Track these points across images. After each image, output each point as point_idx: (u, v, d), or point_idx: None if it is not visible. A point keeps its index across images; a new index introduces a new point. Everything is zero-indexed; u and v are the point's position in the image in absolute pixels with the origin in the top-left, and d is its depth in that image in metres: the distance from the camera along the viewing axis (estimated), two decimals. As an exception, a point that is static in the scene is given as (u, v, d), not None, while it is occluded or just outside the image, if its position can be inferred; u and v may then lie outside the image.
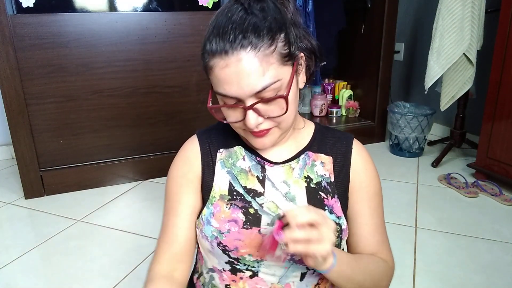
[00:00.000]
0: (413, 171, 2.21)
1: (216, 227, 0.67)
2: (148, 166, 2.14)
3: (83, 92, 1.93)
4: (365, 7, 2.61)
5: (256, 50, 0.56)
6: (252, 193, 0.70)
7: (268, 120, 0.63)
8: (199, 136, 0.75)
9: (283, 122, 0.64)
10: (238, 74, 0.57)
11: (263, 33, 0.57)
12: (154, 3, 1.94)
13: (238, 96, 0.59)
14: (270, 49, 0.57)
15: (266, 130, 0.63)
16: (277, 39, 0.58)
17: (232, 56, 0.56)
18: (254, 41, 0.56)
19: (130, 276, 1.36)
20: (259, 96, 0.59)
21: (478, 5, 1.95)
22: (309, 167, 0.72)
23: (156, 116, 2.09)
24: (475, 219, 1.69)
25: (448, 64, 2.00)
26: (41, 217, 1.78)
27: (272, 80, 0.58)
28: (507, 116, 1.84)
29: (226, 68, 0.57)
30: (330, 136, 0.76)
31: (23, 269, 1.41)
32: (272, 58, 0.58)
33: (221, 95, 0.61)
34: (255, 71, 0.57)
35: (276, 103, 0.61)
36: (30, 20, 1.76)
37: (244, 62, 0.56)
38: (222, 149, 0.73)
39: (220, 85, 0.59)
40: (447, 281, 1.30)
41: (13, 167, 2.35)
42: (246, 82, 0.57)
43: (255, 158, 0.72)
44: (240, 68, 0.57)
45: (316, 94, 2.94)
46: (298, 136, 0.74)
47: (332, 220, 0.58)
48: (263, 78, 0.57)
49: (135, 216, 1.78)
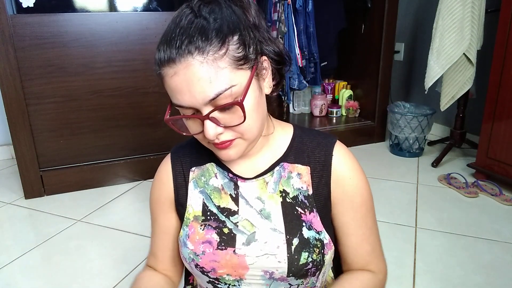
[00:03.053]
0: (413, 171, 2.21)
1: (192, 249, 0.66)
2: (148, 166, 2.14)
3: (83, 92, 1.93)
4: (365, 7, 2.61)
5: (204, 55, 0.52)
6: (226, 212, 0.67)
7: (228, 130, 0.58)
8: (172, 155, 0.74)
9: (245, 132, 0.59)
10: (188, 82, 0.53)
11: (211, 35, 0.53)
12: (154, 3, 1.94)
13: (192, 105, 0.55)
14: (220, 52, 0.53)
15: (228, 141, 0.59)
16: (228, 42, 0.54)
17: (179, 63, 0.53)
18: (201, 45, 0.52)
19: (130, 276, 1.36)
20: (214, 104, 0.55)
21: (478, 5, 1.95)
22: (284, 180, 0.68)
23: (156, 116, 2.09)
24: (475, 219, 1.69)
25: (448, 64, 2.00)
26: (41, 217, 1.78)
27: (225, 86, 0.54)
28: (507, 116, 1.84)
29: (175, 76, 0.54)
30: (309, 142, 0.70)
31: (23, 269, 1.41)
32: (223, 62, 0.53)
33: (177, 106, 0.57)
34: (205, 77, 0.53)
35: (234, 111, 0.56)
36: (30, 20, 1.76)
37: (193, 68, 0.52)
38: (194, 167, 0.71)
39: (173, 95, 0.56)
40: (447, 281, 1.30)
41: (13, 167, 2.35)
42: (197, 90, 0.53)
43: (227, 174, 0.69)
44: (189, 75, 0.53)
45: (316, 94, 2.94)
46: (273, 144, 0.69)
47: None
48: (214, 84, 0.53)
49: (135, 216, 1.78)
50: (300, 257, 0.64)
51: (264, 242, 0.65)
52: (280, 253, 0.64)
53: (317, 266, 0.66)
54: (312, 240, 0.65)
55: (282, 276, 0.65)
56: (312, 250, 0.65)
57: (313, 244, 0.65)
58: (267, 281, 0.66)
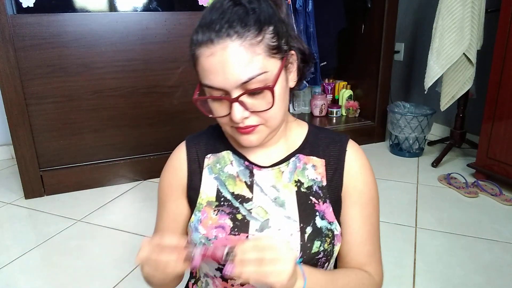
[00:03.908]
0: (413, 171, 2.21)
1: (203, 234, 0.67)
2: (148, 166, 2.14)
3: (83, 92, 1.93)
4: (365, 7, 2.61)
5: (242, 39, 0.55)
6: (240, 199, 0.69)
7: (254, 115, 0.60)
8: (187, 142, 0.75)
9: (270, 119, 0.61)
10: (223, 63, 0.56)
11: (250, 23, 0.56)
12: (154, 3, 1.94)
13: (224, 87, 0.57)
14: (257, 39, 0.56)
15: (252, 126, 0.61)
16: (264, 30, 0.57)
17: (217, 44, 0.55)
18: (241, 31, 0.55)
19: (130, 276, 1.36)
20: (245, 88, 0.57)
21: (478, 5, 1.95)
22: (299, 170, 0.70)
23: (156, 116, 2.09)
24: (475, 219, 1.69)
25: (448, 64, 2.00)
26: (41, 217, 1.78)
27: (258, 71, 0.57)
28: (507, 116, 1.84)
29: (212, 56, 0.56)
30: (324, 138, 0.73)
31: (23, 269, 1.41)
32: (259, 48, 0.56)
33: (207, 87, 0.59)
34: (241, 60, 0.55)
35: (262, 97, 0.59)
36: (30, 20, 1.76)
37: (230, 50, 0.55)
38: (209, 154, 0.73)
39: (206, 75, 0.58)
40: (447, 281, 1.30)
41: (13, 167, 2.35)
42: (232, 72, 0.56)
43: (244, 162, 0.71)
44: (226, 57, 0.55)
45: (316, 94, 2.94)
46: (290, 138, 0.72)
47: (288, 247, 0.54)
48: (249, 68, 0.56)
49: (135, 216, 1.78)
50: (313, 246, 0.65)
51: (278, 229, 0.66)
52: (293, 241, 0.65)
53: (327, 256, 0.67)
54: (324, 230, 0.67)
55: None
56: (324, 240, 0.66)
57: (325, 234, 0.67)
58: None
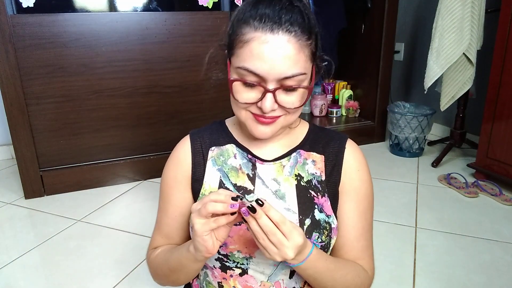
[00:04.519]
0: (413, 171, 2.21)
1: None
2: (148, 166, 2.14)
3: (83, 92, 1.93)
4: (365, 7, 2.61)
5: (297, 39, 0.59)
6: (241, 190, 0.70)
7: (280, 109, 0.63)
8: (191, 135, 0.76)
9: (291, 115, 0.65)
10: (275, 54, 0.58)
11: (306, 27, 0.60)
12: (154, 3, 1.94)
13: (266, 76, 0.59)
14: (307, 43, 0.60)
15: (274, 118, 0.63)
16: (312, 37, 0.61)
17: (276, 35, 0.58)
18: (298, 32, 0.59)
19: (130, 276, 1.36)
20: (283, 83, 0.60)
21: (478, 5, 1.95)
22: (300, 165, 0.72)
23: (156, 116, 2.09)
24: (475, 219, 1.69)
25: (448, 64, 2.00)
26: (41, 217, 1.78)
27: (301, 71, 0.60)
28: (507, 116, 1.84)
29: (266, 44, 0.58)
30: (324, 136, 0.76)
31: (23, 269, 1.41)
32: (306, 51, 0.60)
33: (247, 70, 0.60)
34: (291, 57, 0.58)
35: (293, 94, 0.62)
36: (30, 20, 1.76)
37: (285, 45, 0.58)
38: (214, 147, 0.74)
39: (251, 59, 0.59)
40: (447, 281, 1.30)
41: (13, 167, 2.35)
42: (280, 64, 0.58)
43: (247, 155, 0.73)
44: (279, 49, 0.58)
45: (316, 94, 2.94)
46: (292, 135, 0.75)
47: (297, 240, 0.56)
48: (296, 65, 0.59)
49: (135, 216, 1.78)
50: (311, 237, 0.67)
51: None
52: None
53: (324, 249, 0.68)
54: (322, 222, 0.69)
55: None
56: (322, 232, 0.68)
57: (323, 226, 0.69)
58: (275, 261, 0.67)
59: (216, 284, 0.73)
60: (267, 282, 0.69)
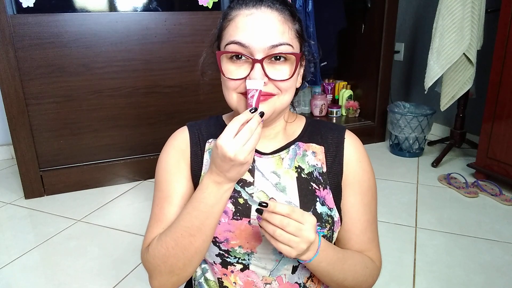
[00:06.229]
0: (413, 171, 2.21)
1: None
2: (148, 166, 2.14)
3: (83, 92, 1.93)
4: (365, 7, 2.61)
5: (279, 12, 0.62)
6: (241, 182, 0.70)
7: (270, 84, 0.63)
8: (189, 127, 0.76)
9: (284, 95, 0.65)
10: (259, 25, 0.61)
11: (287, 6, 0.64)
12: (154, 3, 1.94)
13: (253, 45, 0.60)
14: (290, 19, 0.64)
15: (267, 94, 0.63)
16: (296, 18, 0.65)
17: (259, 9, 0.62)
18: (281, 8, 0.63)
19: (130, 276, 1.36)
20: (269, 53, 0.61)
21: (478, 5, 1.95)
22: (300, 157, 0.72)
23: (156, 116, 2.09)
24: (475, 219, 1.69)
25: (448, 64, 2.00)
26: (41, 217, 1.78)
27: (287, 41, 0.62)
28: (507, 116, 1.84)
29: (250, 16, 0.61)
30: (321, 127, 0.76)
31: (23, 269, 1.41)
32: (292, 27, 0.63)
33: (234, 43, 0.62)
34: (275, 27, 0.61)
35: (281, 68, 0.63)
36: (30, 20, 1.76)
37: (269, 17, 0.61)
38: (211, 139, 0.74)
39: (237, 33, 0.62)
40: (447, 281, 1.30)
41: (13, 167, 2.35)
42: (264, 34, 0.60)
43: None
44: (263, 20, 0.61)
45: (316, 94, 2.94)
46: (290, 129, 0.75)
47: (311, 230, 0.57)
48: (282, 35, 0.61)
49: (135, 216, 1.78)
50: None
51: None
52: None
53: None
54: (324, 216, 0.68)
55: None
56: (324, 225, 0.67)
57: (325, 220, 0.68)
58: (277, 256, 0.68)
59: (215, 280, 0.72)
60: (269, 277, 0.69)
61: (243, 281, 0.69)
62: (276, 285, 0.69)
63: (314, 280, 0.72)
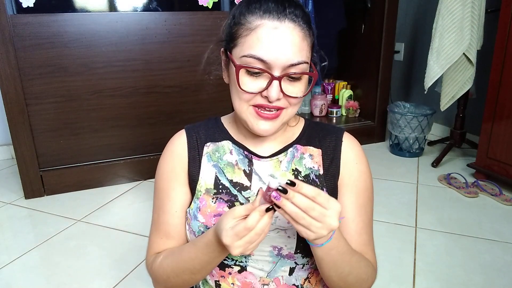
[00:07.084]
0: (413, 171, 2.21)
1: (203, 222, 0.68)
2: (148, 166, 2.14)
3: (83, 92, 1.93)
4: (365, 7, 2.61)
5: (301, 29, 0.61)
6: (238, 186, 0.70)
7: (284, 100, 0.63)
8: (187, 130, 0.76)
9: (292, 108, 0.65)
10: (284, 40, 0.59)
11: (306, 18, 0.62)
12: (154, 3, 1.94)
13: (274, 62, 0.59)
14: (309, 33, 0.62)
15: (278, 110, 0.63)
16: (311, 29, 0.64)
17: (283, 22, 0.59)
18: (301, 21, 0.61)
19: (130, 276, 1.36)
20: (286, 71, 0.61)
21: (478, 5, 1.95)
22: (297, 160, 0.72)
23: (156, 116, 2.09)
24: (475, 219, 1.69)
25: (448, 64, 2.00)
26: (41, 217, 1.78)
27: (304, 59, 0.61)
28: (507, 116, 1.84)
29: (275, 30, 0.59)
30: (320, 130, 0.75)
31: (23, 269, 1.41)
32: (309, 40, 0.62)
33: (253, 58, 0.60)
34: (297, 44, 0.60)
35: (296, 85, 0.63)
36: (30, 20, 1.76)
37: (293, 32, 0.60)
38: (209, 143, 0.73)
39: (259, 46, 0.59)
40: (447, 281, 1.30)
41: (13, 167, 2.35)
42: (288, 51, 0.59)
43: (243, 152, 0.72)
44: (288, 36, 0.59)
45: (316, 94, 2.94)
46: (289, 131, 0.75)
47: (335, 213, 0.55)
48: (301, 53, 0.61)
49: (135, 216, 1.78)
50: None
51: (275, 216, 0.67)
52: (290, 229, 0.66)
53: None
54: None
55: (290, 252, 0.67)
56: None
57: None
58: (274, 258, 0.68)
59: (213, 283, 0.72)
60: (266, 278, 0.69)
61: (241, 282, 0.70)
62: (273, 286, 0.69)
63: (311, 281, 0.72)
